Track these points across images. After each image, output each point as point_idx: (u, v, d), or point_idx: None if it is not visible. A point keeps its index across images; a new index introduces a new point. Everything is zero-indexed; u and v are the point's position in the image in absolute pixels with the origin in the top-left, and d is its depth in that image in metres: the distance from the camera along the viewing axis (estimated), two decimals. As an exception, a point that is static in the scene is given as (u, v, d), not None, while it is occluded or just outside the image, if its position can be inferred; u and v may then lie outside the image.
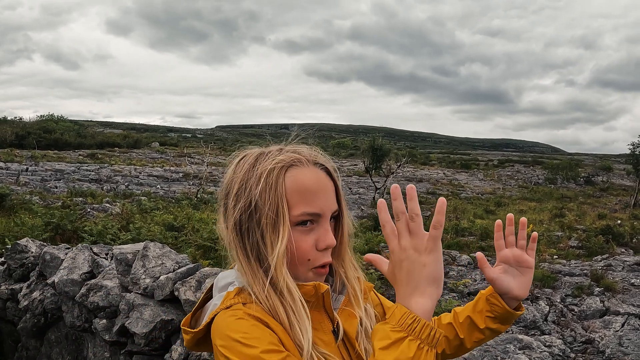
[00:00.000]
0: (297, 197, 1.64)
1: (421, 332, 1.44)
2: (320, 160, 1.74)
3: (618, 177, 71.81)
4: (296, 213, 1.63)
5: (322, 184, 1.69)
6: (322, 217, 1.66)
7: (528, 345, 7.47)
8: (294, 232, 1.64)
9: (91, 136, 70.72)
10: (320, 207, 1.66)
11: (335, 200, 1.72)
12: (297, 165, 1.68)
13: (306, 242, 1.65)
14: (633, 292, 11.76)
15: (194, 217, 15.13)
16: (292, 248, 1.64)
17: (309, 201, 1.64)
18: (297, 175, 1.66)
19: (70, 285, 5.07)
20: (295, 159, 1.69)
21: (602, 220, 25.91)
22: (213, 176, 39.24)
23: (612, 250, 17.36)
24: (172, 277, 4.35)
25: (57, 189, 27.72)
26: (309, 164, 1.70)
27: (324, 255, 1.69)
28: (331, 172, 1.74)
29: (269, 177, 1.65)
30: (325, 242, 1.66)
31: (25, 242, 6.24)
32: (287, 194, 1.63)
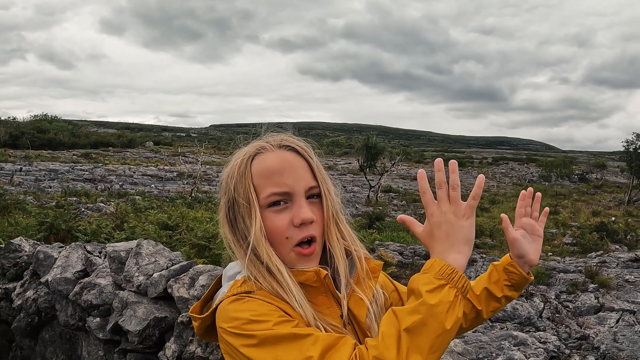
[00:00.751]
0: (263, 181, 1.73)
1: (458, 281, 1.58)
2: (286, 143, 1.81)
3: (612, 175, 71.97)
4: (264, 195, 1.72)
5: (288, 164, 1.75)
6: (293, 195, 1.73)
7: (523, 341, 7.48)
8: (267, 214, 1.72)
9: (85, 136, 70.65)
10: (288, 185, 1.72)
11: (311, 177, 1.78)
12: (261, 152, 1.79)
13: (281, 220, 1.72)
14: (627, 289, 11.78)
15: (188, 216, 15.12)
16: (270, 228, 1.72)
17: (275, 182, 1.72)
18: (262, 160, 1.76)
19: (64, 283, 5.06)
20: (260, 147, 1.81)
21: (596, 217, 25.99)
22: (207, 175, 39.23)
23: (606, 247, 17.40)
24: (165, 274, 4.35)
25: (51, 189, 27.68)
26: (274, 148, 1.79)
27: (301, 230, 1.72)
28: (299, 151, 1.80)
29: (239, 169, 1.77)
30: (300, 217, 1.71)
31: (19, 241, 6.23)
32: (253, 180, 1.74)
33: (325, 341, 1.56)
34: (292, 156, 1.78)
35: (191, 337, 3.98)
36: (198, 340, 3.89)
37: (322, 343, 1.55)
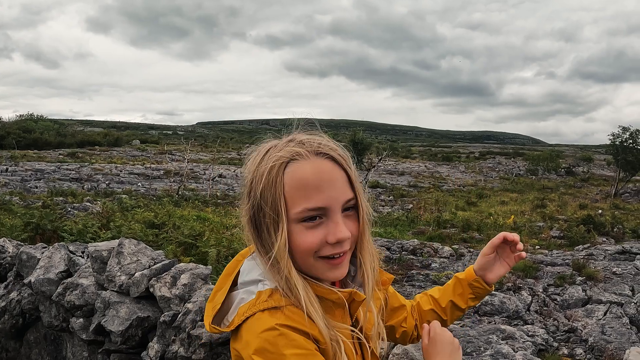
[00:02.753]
0: (296, 194, 1.61)
1: None
2: (324, 150, 1.67)
3: (598, 168, 72.35)
4: (297, 210, 1.60)
5: (326, 176, 1.63)
6: (330, 210, 1.62)
7: (511, 335, 7.48)
8: (297, 228, 1.62)
9: (71, 135, 70.43)
10: (325, 200, 1.61)
11: (348, 189, 1.67)
12: (296, 160, 1.64)
13: (314, 236, 1.62)
14: (615, 281, 11.82)
15: (175, 214, 15.07)
16: (298, 243, 1.62)
17: (310, 196, 1.60)
18: (296, 170, 1.62)
19: (47, 284, 5.02)
20: (295, 152, 1.65)
21: (583, 210, 26.08)
22: (194, 173, 39.19)
23: (593, 240, 17.48)
24: (147, 273, 4.32)
25: (37, 189, 27.58)
26: (310, 156, 1.65)
27: (334, 247, 1.64)
28: (338, 160, 1.67)
29: (270, 175, 1.63)
30: (336, 236, 1.62)
31: (2, 242, 6.18)
32: (285, 192, 1.61)
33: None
34: (329, 167, 1.65)
35: (174, 337, 3.95)
36: (181, 340, 3.86)
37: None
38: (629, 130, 45.04)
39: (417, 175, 55.05)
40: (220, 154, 57.69)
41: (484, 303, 9.56)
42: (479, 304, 9.98)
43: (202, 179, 37.20)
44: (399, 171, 57.12)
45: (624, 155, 44.13)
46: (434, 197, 34.12)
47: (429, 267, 13.01)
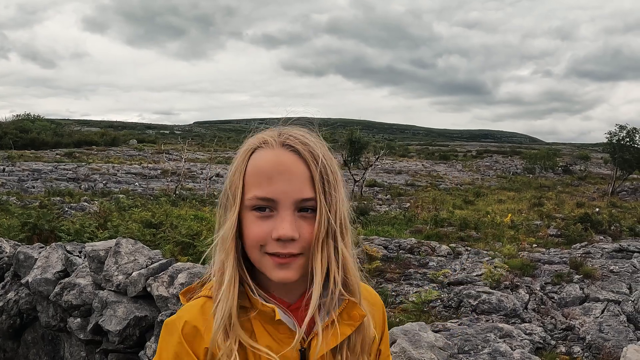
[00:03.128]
0: (252, 180, 1.57)
1: None
2: (291, 142, 1.61)
3: (596, 166, 72.46)
4: (248, 196, 1.57)
5: (282, 168, 1.57)
6: (278, 204, 1.55)
7: (508, 333, 7.49)
8: (250, 217, 1.58)
9: (68, 135, 70.39)
10: (274, 192, 1.55)
11: (307, 188, 1.57)
12: (262, 147, 1.62)
13: (260, 227, 1.56)
14: (612, 279, 11.82)
15: (172, 213, 15.08)
16: (246, 232, 1.58)
17: (262, 185, 1.56)
18: (258, 157, 1.60)
19: (44, 284, 5.02)
20: (262, 140, 1.63)
21: (580, 209, 26.12)
22: (191, 172, 39.15)
23: (590, 238, 17.49)
24: (144, 273, 4.32)
25: (34, 189, 27.56)
26: (276, 146, 1.61)
27: (279, 245, 1.55)
28: (303, 155, 1.59)
29: (237, 162, 1.63)
30: (277, 232, 1.54)
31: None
32: (245, 177, 1.59)
33: None
34: (290, 159, 1.58)
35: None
36: None
37: None
38: (626, 128, 45.09)
39: (414, 174, 55.07)
40: (217, 153, 57.65)
41: (482, 301, 9.57)
42: (476, 302, 10.01)
43: (200, 179, 37.19)
44: (396, 170, 57.15)
45: (621, 154, 44.17)
46: (431, 195, 34.15)
47: (426, 265, 13.02)
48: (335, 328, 1.63)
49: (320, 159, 1.60)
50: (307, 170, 1.58)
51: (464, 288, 10.59)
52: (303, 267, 1.59)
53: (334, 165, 1.66)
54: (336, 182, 1.63)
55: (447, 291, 10.74)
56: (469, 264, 13.03)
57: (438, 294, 10.38)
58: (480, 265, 12.44)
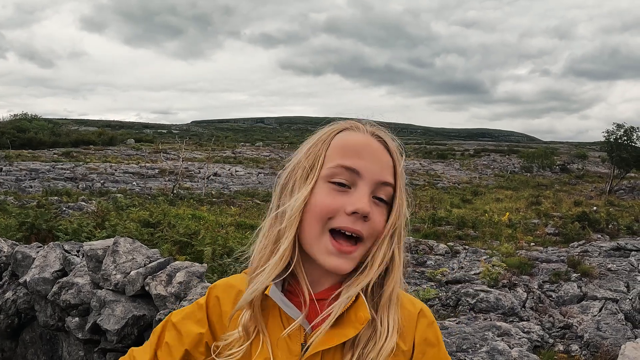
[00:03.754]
0: (337, 152, 1.54)
1: None
2: (381, 134, 1.61)
3: (593, 165, 72.47)
4: (331, 165, 1.53)
5: (371, 149, 1.56)
6: (359, 178, 1.51)
7: (507, 331, 7.50)
8: (324, 188, 1.53)
9: (66, 134, 70.34)
10: (360, 166, 1.52)
11: (389, 174, 1.56)
12: (351, 129, 1.60)
13: (334, 199, 1.51)
14: (610, 277, 11.85)
15: (170, 213, 15.08)
16: (317, 202, 1.52)
17: (348, 156, 1.53)
18: (347, 135, 1.58)
19: (42, 284, 5.02)
20: (353, 125, 1.62)
21: (578, 207, 26.15)
22: (189, 172, 39.15)
23: (588, 237, 17.53)
24: (142, 272, 4.31)
25: (32, 189, 27.55)
26: (366, 132, 1.60)
27: (350, 220, 1.49)
28: (389, 147, 1.59)
29: (320, 137, 1.60)
30: (355, 205, 1.48)
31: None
32: (328, 150, 1.55)
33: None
34: (379, 147, 1.57)
35: None
36: None
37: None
38: (624, 127, 45.19)
39: (411, 172, 55.10)
40: (215, 152, 57.66)
41: (480, 300, 9.59)
42: (474, 300, 10.02)
43: (197, 178, 37.21)
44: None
45: (618, 152, 44.26)
46: (429, 194, 34.16)
47: (424, 264, 13.04)
48: (339, 327, 1.53)
49: (403, 157, 1.64)
50: (392, 161, 1.59)
51: (462, 287, 10.61)
52: (357, 259, 1.53)
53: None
54: (404, 184, 1.62)
55: (445, 290, 10.75)
56: (467, 263, 13.05)
57: (436, 293, 10.39)
58: (478, 263, 12.46)
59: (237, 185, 34.94)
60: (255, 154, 65.80)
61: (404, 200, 1.60)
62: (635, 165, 46.06)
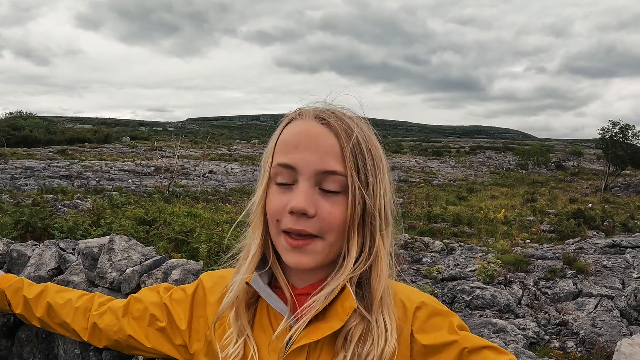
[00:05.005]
0: (279, 149, 1.50)
1: None
2: (324, 115, 1.50)
3: (588, 162, 72.63)
4: (274, 164, 1.50)
5: (308, 137, 1.47)
6: (298, 174, 1.46)
7: (502, 328, 7.51)
8: (273, 190, 1.51)
9: (61, 132, 70.30)
10: (296, 160, 1.46)
11: (333, 161, 1.45)
12: (296, 119, 1.53)
13: (278, 199, 1.48)
14: (605, 274, 11.89)
15: (166, 210, 15.08)
16: (267, 204, 1.51)
17: (286, 153, 1.48)
18: (290, 127, 1.52)
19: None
20: (298, 112, 1.55)
21: (573, 204, 26.20)
22: (184, 169, 39.15)
23: (583, 234, 17.57)
24: (138, 269, 4.31)
25: (27, 187, 27.53)
26: (308, 118, 1.51)
27: (292, 220, 1.44)
28: (333, 129, 1.47)
29: (273, 135, 1.56)
30: (291, 204, 1.44)
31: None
32: (276, 147, 1.51)
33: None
34: (320, 131, 1.47)
35: None
36: None
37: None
38: (619, 124, 45.31)
39: (407, 170, 55.15)
40: (210, 150, 57.65)
41: (475, 297, 9.60)
42: (470, 297, 10.03)
43: (193, 175, 37.21)
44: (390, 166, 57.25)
45: (613, 150, 44.36)
46: (425, 191, 34.18)
47: (420, 261, 13.05)
48: (325, 321, 1.50)
49: (354, 136, 1.48)
50: (338, 144, 1.47)
51: (458, 284, 10.63)
52: (321, 254, 1.48)
53: (376, 147, 1.55)
54: (376, 165, 1.52)
55: (440, 287, 10.77)
56: (463, 260, 13.07)
57: (432, 290, 10.40)
58: (474, 260, 12.48)
59: (232, 183, 34.94)
60: (250, 152, 65.80)
61: (369, 181, 1.48)
62: (630, 163, 46.19)
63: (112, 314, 1.94)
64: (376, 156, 1.52)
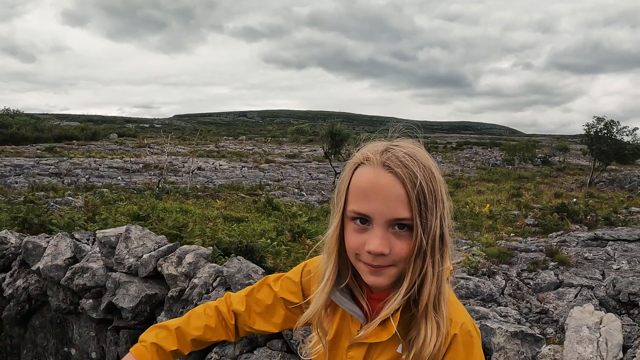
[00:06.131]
0: (353, 194, 1.74)
1: None
2: (391, 164, 1.70)
3: (574, 157, 72.75)
4: (349, 209, 1.75)
5: (378, 187, 1.69)
6: (373, 220, 1.70)
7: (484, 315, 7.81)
8: (349, 225, 1.78)
9: (48, 130, 69.85)
10: (369, 209, 1.70)
11: (402, 208, 1.68)
12: (364, 164, 1.76)
13: (356, 239, 1.75)
14: (586, 266, 12.18)
15: (158, 206, 15.31)
16: (346, 238, 1.79)
17: (360, 200, 1.72)
18: (359, 174, 1.76)
19: (55, 270, 5.34)
20: (366, 157, 1.77)
21: (558, 199, 26.39)
22: (173, 166, 39.23)
23: (566, 227, 17.78)
24: (155, 254, 4.67)
25: (17, 184, 27.61)
26: (376, 165, 1.73)
27: (370, 258, 1.72)
28: (400, 177, 1.68)
29: (344, 174, 1.82)
30: (369, 247, 1.70)
31: (4, 233, 6.48)
32: (348, 189, 1.77)
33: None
34: (387, 181, 1.69)
35: (181, 309, 4.34)
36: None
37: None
38: (604, 120, 45.66)
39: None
40: (198, 146, 57.70)
41: (460, 287, 9.88)
42: (454, 287, 10.31)
43: (182, 172, 37.31)
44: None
45: (598, 145, 44.67)
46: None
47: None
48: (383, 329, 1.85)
49: (418, 182, 1.68)
50: (404, 192, 1.68)
51: (443, 275, 10.91)
52: (395, 276, 1.77)
53: (436, 184, 1.75)
54: (435, 202, 1.73)
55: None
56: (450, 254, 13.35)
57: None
58: (459, 253, 12.77)
59: (221, 179, 35.09)
60: (238, 148, 65.76)
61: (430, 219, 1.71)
62: (615, 158, 46.54)
63: (241, 317, 2.30)
64: (434, 191, 1.74)
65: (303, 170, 44.11)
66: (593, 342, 3.30)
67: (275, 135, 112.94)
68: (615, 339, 3.33)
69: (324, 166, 46.36)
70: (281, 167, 45.53)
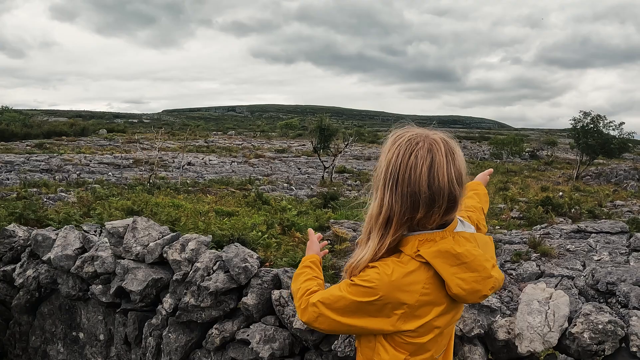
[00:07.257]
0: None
1: None
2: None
3: (562, 151, 73.20)
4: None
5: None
6: None
7: (466, 303, 8.19)
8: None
9: (37, 126, 69.75)
10: None
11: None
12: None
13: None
14: (568, 257, 12.49)
15: (151, 201, 15.55)
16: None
17: None
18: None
19: (65, 260, 5.71)
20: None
21: (545, 193, 26.65)
22: (163, 161, 39.42)
23: (551, 220, 18.05)
24: (161, 242, 5.08)
25: (8, 181, 27.76)
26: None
27: None
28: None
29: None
30: None
31: (13, 227, 6.82)
32: None
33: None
34: None
35: (185, 290, 4.76)
36: (192, 292, 4.65)
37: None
38: (590, 115, 46.12)
39: (383, 160, 55.43)
40: (188, 142, 57.88)
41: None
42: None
43: (172, 167, 37.50)
44: (366, 156, 57.57)
45: (585, 139, 45.14)
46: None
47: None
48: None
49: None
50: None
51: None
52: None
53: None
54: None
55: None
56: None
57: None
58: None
59: (211, 174, 35.32)
60: (227, 143, 65.94)
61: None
62: (601, 152, 47.04)
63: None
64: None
65: (292, 164, 44.33)
66: (542, 313, 3.77)
67: (264, 130, 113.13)
68: (562, 311, 3.80)
69: (313, 161, 46.59)
70: (270, 161, 45.72)
